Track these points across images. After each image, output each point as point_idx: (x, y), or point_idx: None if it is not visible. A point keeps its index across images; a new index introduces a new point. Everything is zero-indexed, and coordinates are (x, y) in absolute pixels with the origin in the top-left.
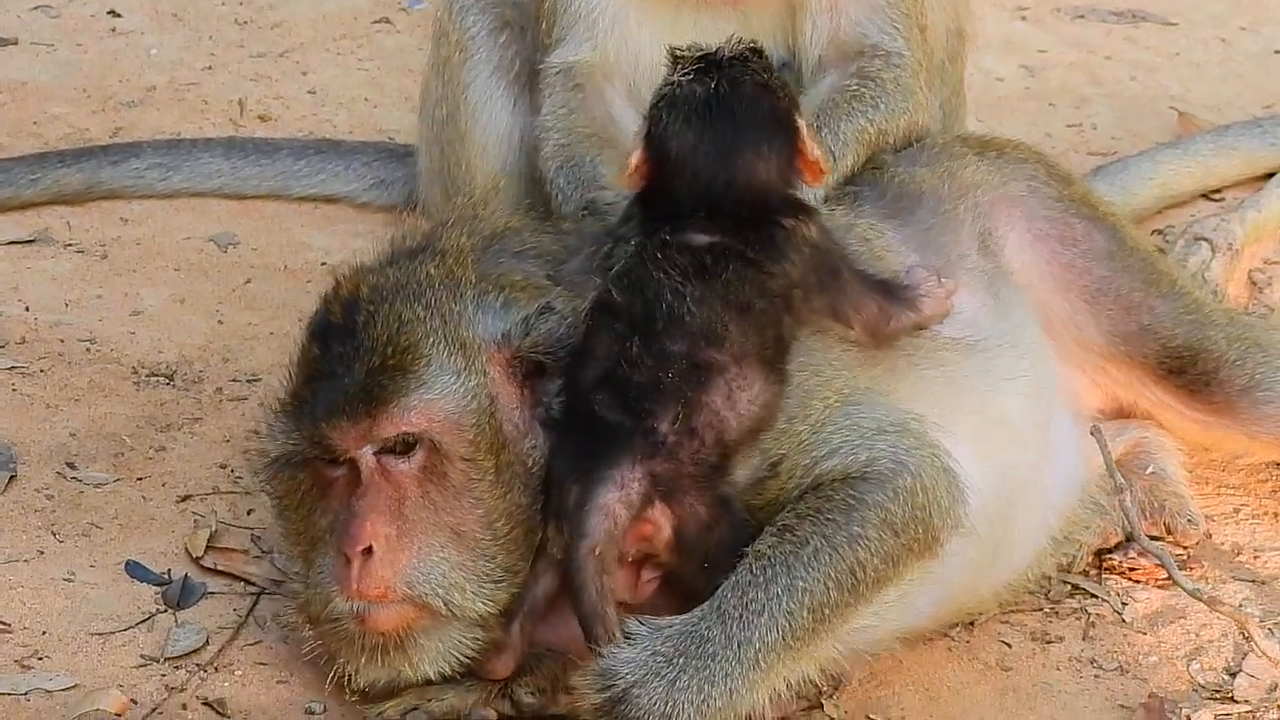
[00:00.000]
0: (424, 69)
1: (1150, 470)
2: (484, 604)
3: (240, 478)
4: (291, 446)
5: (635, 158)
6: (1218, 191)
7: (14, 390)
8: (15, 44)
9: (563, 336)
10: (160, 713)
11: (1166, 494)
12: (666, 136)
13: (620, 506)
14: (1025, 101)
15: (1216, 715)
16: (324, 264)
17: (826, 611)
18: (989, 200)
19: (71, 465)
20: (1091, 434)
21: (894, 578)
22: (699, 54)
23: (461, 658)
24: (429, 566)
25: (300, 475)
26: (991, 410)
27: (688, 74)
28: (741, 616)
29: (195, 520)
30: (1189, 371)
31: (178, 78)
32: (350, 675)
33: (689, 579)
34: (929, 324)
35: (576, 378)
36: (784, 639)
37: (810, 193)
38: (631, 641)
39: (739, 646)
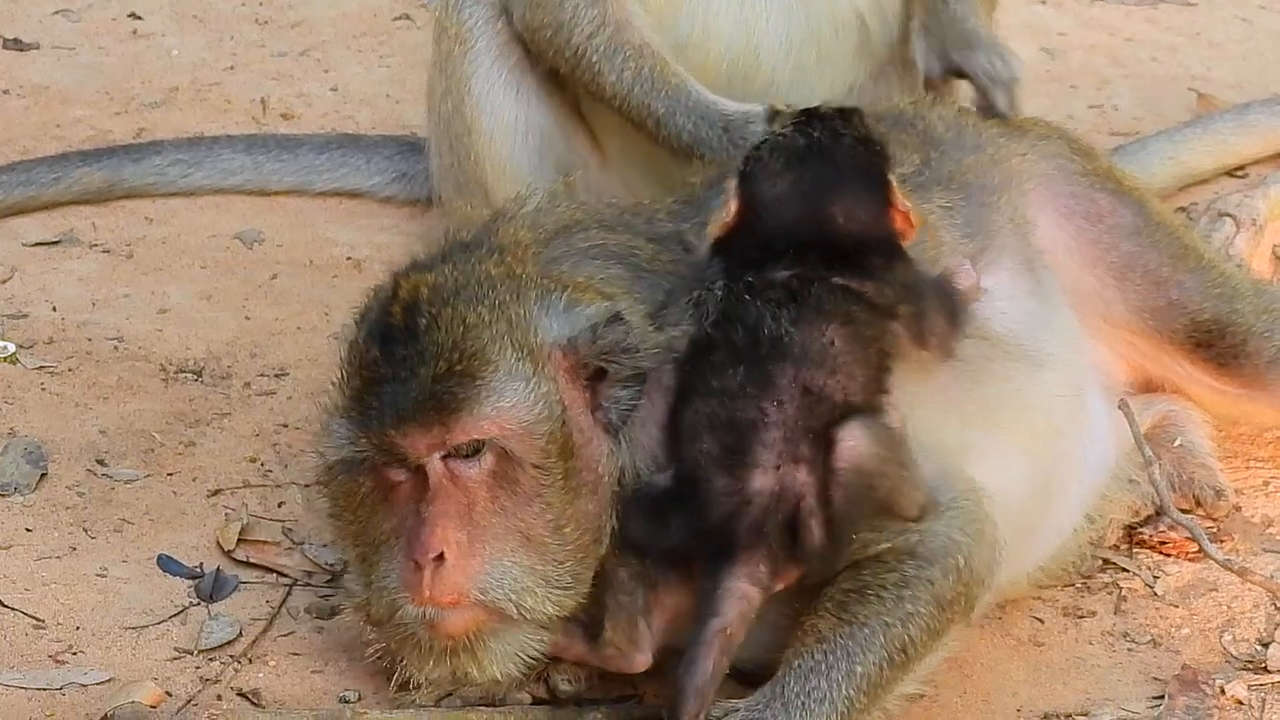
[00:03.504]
0: (428, 66)
1: (1178, 443)
2: (553, 607)
3: (270, 471)
4: (355, 452)
5: (732, 205)
6: (1240, 169)
7: (43, 389)
8: (37, 48)
9: (629, 346)
10: (195, 704)
11: (1195, 467)
12: (764, 178)
13: (754, 589)
14: (1047, 84)
15: (1250, 686)
16: (349, 258)
17: (879, 690)
18: (1026, 187)
19: (102, 462)
20: (1119, 408)
21: (936, 648)
22: (800, 110)
23: (527, 659)
24: (501, 571)
25: (360, 479)
26: (1041, 417)
27: (788, 126)
28: (804, 705)
29: (226, 514)
30: (1217, 345)
31: (200, 78)
32: (413, 675)
33: None
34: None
35: (681, 435)
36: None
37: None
38: None
39: None
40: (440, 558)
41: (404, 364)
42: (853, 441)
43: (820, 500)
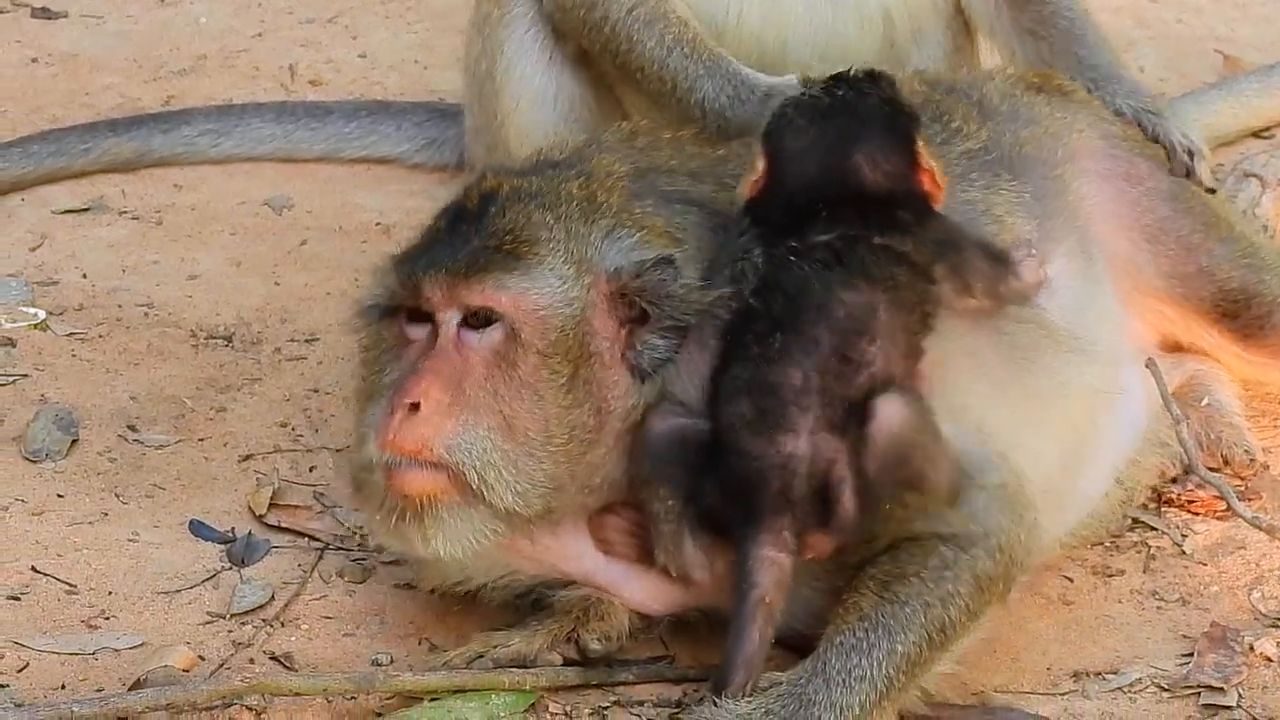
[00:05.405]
0: (467, 27)
1: (1206, 402)
2: (515, 499)
3: (301, 436)
4: (386, 295)
5: (760, 164)
6: (1266, 130)
7: (74, 356)
8: (65, 17)
9: (673, 293)
10: (228, 668)
11: (1222, 425)
12: (790, 134)
13: (783, 555)
14: None
15: (1279, 643)
16: (378, 224)
17: (917, 669)
18: (1082, 163)
19: (133, 428)
20: (1147, 366)
21: (974, 628)
22: (828, 76)
23: (477, 545)
24: (471, 439)
25: (386, 331)
26: (1081, 408)
27: (815, 88)
28: (845, 682)
29: (257, 478)
30: (1243, 315)
31: (228, 45)
32: (369, 534)
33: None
34: (1030, 293)
35: (719, 398)
36: (880, 700)
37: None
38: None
39: (841, 711)
40: (416, 408)
41: (461, 235)
42: (891, 412)
43: (853, 468)
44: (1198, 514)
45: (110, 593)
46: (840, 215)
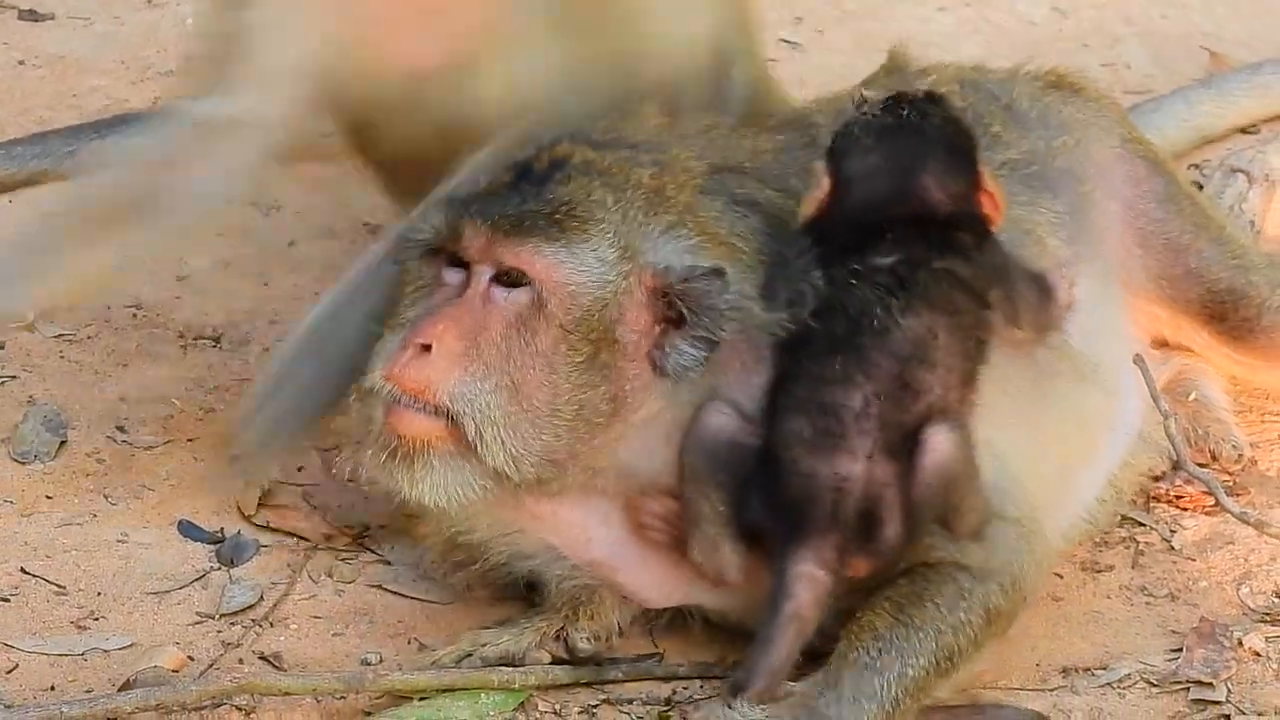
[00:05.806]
0: None
1: (1194, 397)
2: (507, 461)
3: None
4: (431, 230)
5: (825, 182)
6: (1253, 126)
7: (62, 357)
8: (52, 19)
9: (715, 306)
10: (217, 668)
11: (1210, 421)
12: (855, 154)
13: (823, 573)
14: (1059, 43)
15: (1267, 637)
16: (366, 224)
17: (922, 693)
18: (1108, 174)
19: (122, 429)
20: (1134, 362)
21: (978, 657)
22: (889, 93)
23: (464, 498)
24: (476, 392)
25: (426, 268)
26: (1088, 435)
27: (877, 107)
28: (855, 700)
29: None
30: (1230, 318)
31: None
32: (353, 466)
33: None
34: (1063, 318)
35: (775, 415)
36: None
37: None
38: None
39: None
40: (428, 349)
41: (518, 193)
42: (941, 442)
43: (903, 495)
44: (1186, 509)
45: (99, 593)
46: (903, 237)
